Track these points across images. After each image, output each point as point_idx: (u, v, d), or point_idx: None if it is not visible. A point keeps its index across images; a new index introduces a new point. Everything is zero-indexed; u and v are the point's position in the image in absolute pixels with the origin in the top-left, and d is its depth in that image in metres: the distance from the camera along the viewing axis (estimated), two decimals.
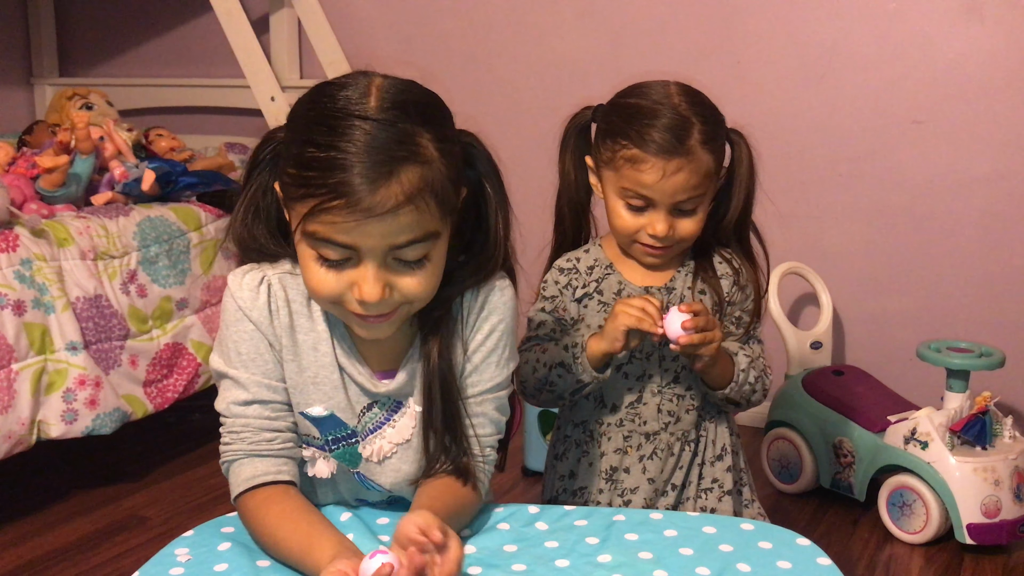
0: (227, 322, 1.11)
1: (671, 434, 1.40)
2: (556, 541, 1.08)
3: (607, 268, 1.41)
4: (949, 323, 2.39)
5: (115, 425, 2.10)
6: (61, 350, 2.03)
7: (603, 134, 1.38)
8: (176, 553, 1.06)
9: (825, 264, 2.46)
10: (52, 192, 2.22)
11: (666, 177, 1.29)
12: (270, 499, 1.07)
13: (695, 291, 1.39)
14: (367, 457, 1.15)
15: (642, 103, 1.35)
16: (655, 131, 1.29)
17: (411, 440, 1.14)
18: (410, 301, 1.05)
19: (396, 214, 0.98)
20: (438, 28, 2.88)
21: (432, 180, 1.01)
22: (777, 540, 1.10)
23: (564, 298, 1.40)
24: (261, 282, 1.10)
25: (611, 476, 1.41)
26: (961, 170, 2.35)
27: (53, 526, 2.04)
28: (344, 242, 0.99)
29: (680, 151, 1.29)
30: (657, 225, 1.32)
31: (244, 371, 1.10)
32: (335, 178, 0.96)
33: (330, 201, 0.97)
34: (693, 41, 2.56)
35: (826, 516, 2.11)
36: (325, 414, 1.12)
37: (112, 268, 2.18)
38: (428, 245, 1.03)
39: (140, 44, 3.42)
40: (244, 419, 1.10)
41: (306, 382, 1.12)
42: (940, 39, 2.33)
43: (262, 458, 1.09)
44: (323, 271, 1.02)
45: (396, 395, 1.14)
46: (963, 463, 1.91)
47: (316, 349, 1.11)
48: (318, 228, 0.99)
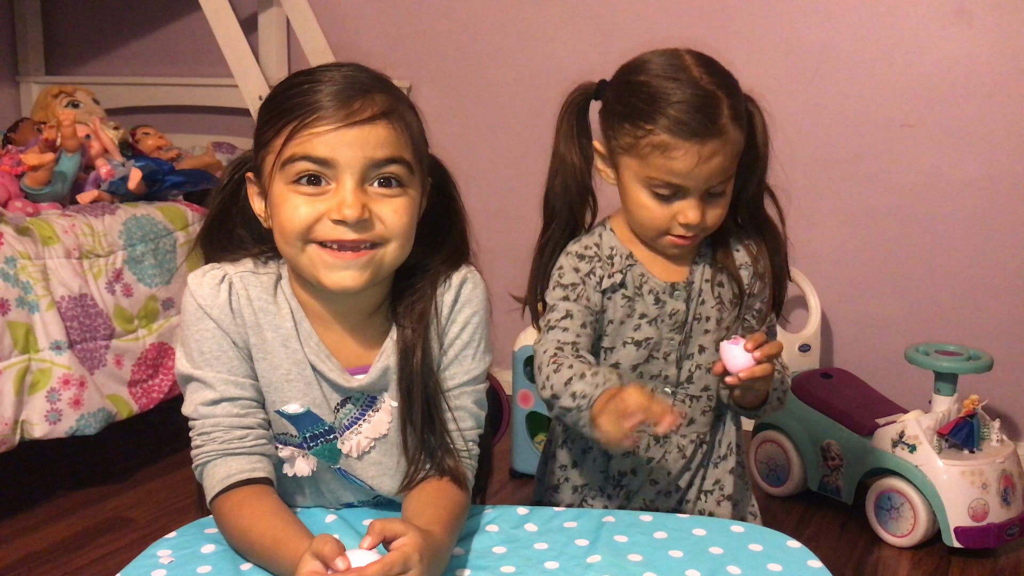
0: (188, 323, 1.10)
1: (683, 436, 1.33)
2: (546, 543, 1.08)
3: (628, 259, 1.29)
4: (937, 326, 2.39)
5: (100, 425, 2.08)
6: (45, 349, 2.01)
7: (618, 117, 1.25)
8: (158, 555, 1.06)
9: (813, 267, 2.46)
10: (37, 190, 2.20)
11: (702, 162, 1.18)
12: (244, 501, 1.05)
13: (713, 284, 1.30)
14: (346, 453, 1.13)
15: (660, 81, 1.22)
16: (683, 112, 1.18)
17: (388, 435, 1.13)
18: (387, 235, 1.05)
19: (373, 124, 1.02)
20: (427, 27, 2.87)
21: (403, 113, 1.06)
22: (768, 542, 1.10)
23: (587, 287, 1.28)
24: (222, 280, 1.10)
25: (619, 481, 1.35)
26: (950, 173, 2.35)
27: (37, 527, 2.02)
28: (322, 155, 1.01)
29: (714, 131, 1.18)
30: (689, 213, 1.21)
31: (209, 370, 1.09)
32: (311, 99, 1.02)
33: (307, 117, 1.01)
34: (682, 43, 2.53)
35: (814, 519, 2.11)
36: (301, 411, 1.11)
37: (97, 267, 2.16)
38: (405, 172, 1.05)
39: (127, 42, 3.40)
40: (213, 419, 1.08)
41: (280, 380, 1.10)
42: (929, 42, 2.34)
43: (235, 456, 1.08)
44: (298, 200, 1.03)
45: (369, 390, 1.13)
46: (951, 466, 1.91)
47: (286, 346, 1.10)
48: (295, 149, 1.02)
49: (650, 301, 1.29)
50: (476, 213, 3.27)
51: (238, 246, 1.15)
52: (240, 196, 1.15)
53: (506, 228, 2.94)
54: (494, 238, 2.85)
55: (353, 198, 1.02)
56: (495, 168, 2.83)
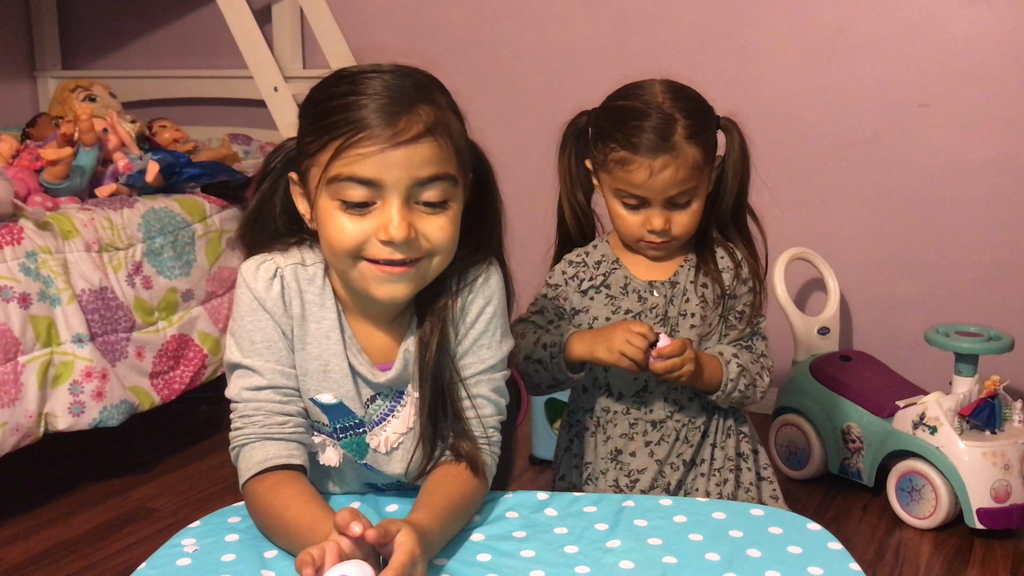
0: (241, 313, 1.13)
1: (677, 420, 1.43)
2: (565, 527, 1.08)
3: (613, 263, 1.45)
4: (957, 307, 2.38)
5: (122, 417, 2.10)
6: (67, 342, 2.03)
7: (596, 138, 1.41)
8: (183, 543, 1.06)
9: (832, 249, 2.45)
10: (56, 184, 2.22)
11: (654, 175, 1.33)
12: (279, 483, 1.07)
13: (697, 284, 1.42)
14: (375, 448, 1.16)
15: (629, 105, 1.37)
16: (640, 132, 1.33)
17: (415, 428, 1.15)
18: (433, 251, 1.06)
19: (418, 143, 1.02)
20: (440, 17, 2.87)
21: (448, 123, 1.06)
22: (788, 525, 1.10)
23: (568, 288, 1.45)
24: (275, 274, 1.12)
25: (616, 457, 1.44)
26: (968, 153, 2.33)
27: (62, 518, 2.04)
28: (368, 176, 1.01)
29: (664, 148, 1.32)
30: (654, 220, 1.36)
31: (259, 359, 1.11)
32: (356, 115, 1.01)
33: (353, 136, 1.01)
34: (698, 26, 2.55)
35: (835, 502, 2.11)
36: (334, 402, 1.14)
37: (117, 260, 2.18)
38: (449, 187, 1.05)
39: (143, 36, 3.42)
40: (256, 403, 1.11)
41: (317, 369, 1.13)
42: (947, 21, 2.32)
43: (274, 441, 1.10)
44: (345, 220, 1.04)
45: (396, 384, 1.15)
46: (972, 448, 1.90)
47: (328, 337, 1.13)
48: (341, 169, 1.02)
49: (633, 299, 1.42)
50: None
51: (277, 236, 1.16)
52: (280, 187, 1.15)
53: (523, 217, 2.93)
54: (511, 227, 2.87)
55: (399, 219, 1.02)
56: (512, 158, 2.81)
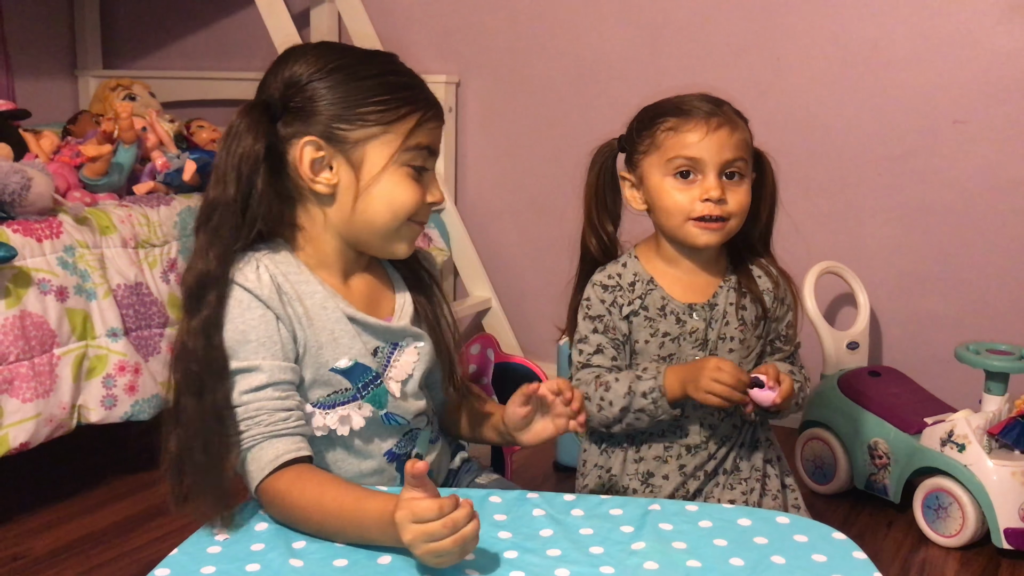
0: (233, 316, 1.13)
1: (712, 444, 1.43)
2: (591, 528, 1.08)
3: (649, 283, 1.41)
4: (988, 324, 2.36)
5: (154, 411, 2.13)
6: (102, 336, 2.06)
7: (638, 134, 1.41)
8: (214, 532, 1.08)
9: (863, 264, 2.44)
10: (95, 181, 2.25)
11: (710, 133, 1.34)
12: (303, 474, 1.09)
13: (737, 307, 1.40)
14: (392, 393, 1.22)
15: (669, 97, 1.41)
16: (689, 101, 1.37)
17: (413, 375, 1.24)
18: None
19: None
20: (477, 22, 2.89)
21: None
22: (813, 534, 1.10)
23: (613, 317, 1.41)
24: (258, 267, 1.15)
25: (647, 480, 1.43)
26: (1002, 170, 2.32)
27: (92, 509, 2.07)
28: (436, 147, 1.21)
29: (718, 112, 1.36)
30: (710, 188, 1.34)
31: (256, 357, 1.12)
32: (427, 95, 1.20)
33: (428, 111, 1.18)
34: (733, 38, 2.55)
35: (860, 517, 2.10)
36: (351, 364, 1.19)
37: (152, 256, 2.21)
38: None
39: (182, 37, 3.46)
40: (258, 403, 1.12)
41: (327, 340, 1.17)
42: (983, 38, 2.31)
43: (281, 438, 1.11)
44: (414, 184, 1.19)
45: (395, 335, 1.24)
46: (1001, 467, 1.88)
47: (324, 308, 1.18)
48: (423, 138, 1.18)
49: (672, 321, 1.40)
50: (524, 207, 3.29)
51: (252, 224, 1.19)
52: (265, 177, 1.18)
53: (553, 221, 2.96)
54: (542, 232, 2.88)
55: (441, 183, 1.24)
56: (544, 163, 2.84)
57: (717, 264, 1.44)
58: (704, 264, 1.43)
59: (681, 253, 1.42)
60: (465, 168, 2.98)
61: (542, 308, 2.86)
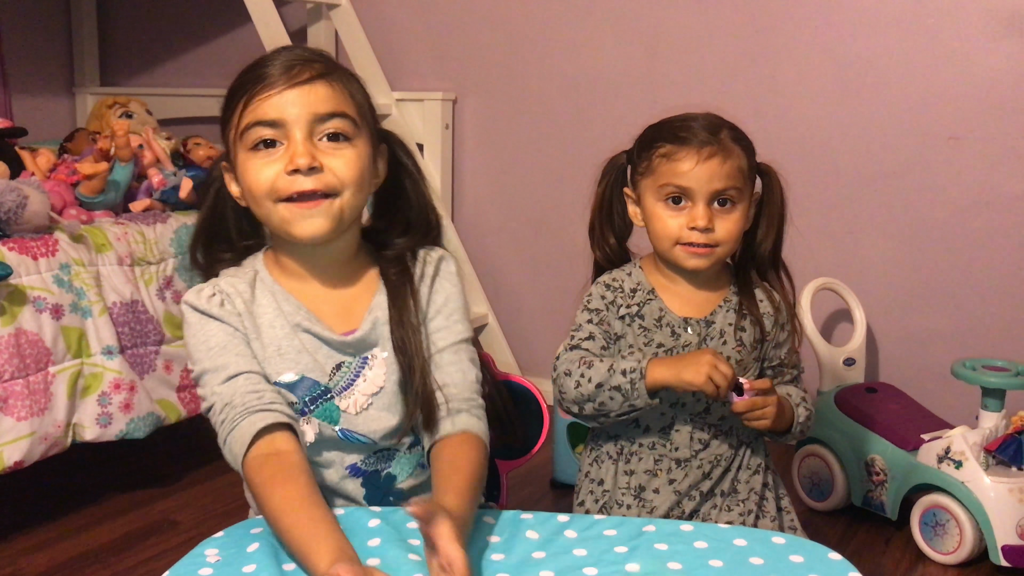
0: (192, 333, 1.20)
1: (702, 459, 1.43)
2: (584, 549, 1.08)
3: (649, 293, 1.43)
4: (985, 341, 2.36)
5: (149, 429, 2.12)
6: (97, 354, 2.06)
7: (640, 150, 1.42)
8: (206, 553, 1.08)
9: (859, 280, 2.44)
10: (91, 198, 2.25)
11: (700, 163, 1.34)
12: (275, 479, 1.09)
13: (736, 328, 1.41)
14: (345, 409, 1.20)
15: (674, 116, 1.41)
16: (687, 128, 1.37)
17: (385, 387, 1.21)
18: (342, 185, 1.15)
19: (313, 84, 1.15)
20: (472, 40, 2.90)
21: (343, 77, 1.19)
22: (809, 554, 1.09)
23: (609, 314, 1.43)
24: (213, 292, 1.20)
25: (639, 494, 1.43)
26: (997, 187, 2.33)
27: (86, 528, 2.06)
28: (272, 117, 1.14)
29: (711, 141, 1.35)
30: (697, 216, 1.35)
31: (221, 357, 1.17)
32: (259, 72, 1.16)
33: (254, 86, 1.15)
34: (729, 55, 2.56)
35: (857, 534, 2.09)
36: (296, 378, 1.19)
37: (148, 274, 2.21)
38: (349, 125, 1.17)
39: (179, 55, 3.47)
40: (231, 390, 1.15)
41: (272, 354, 1.19)
42: (977, 54, 2.31)
43: (256, 413, 1.14)
44: (260, 164, 1.15)
45: (360, 348, 1.21)
46: (998, 483, 1.88)
47: (272, 326, 1.20)
48: (249, 118, 1.15)
49: (667, 333, 1.41)
50: (521, 224, 3.30)
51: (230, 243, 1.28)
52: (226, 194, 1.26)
53: (550, 238, 2.96)
54: (539, 248, 2.88)
55: (303, 148, 1.13)
56: (540, 180, 2.84)
57: (717, 282, 1.44)
58: (703, 282, 1.44)
59: (676, 271, 1.43)
60: (462, 185, 2.98)
61: (539, 325, 2.86)
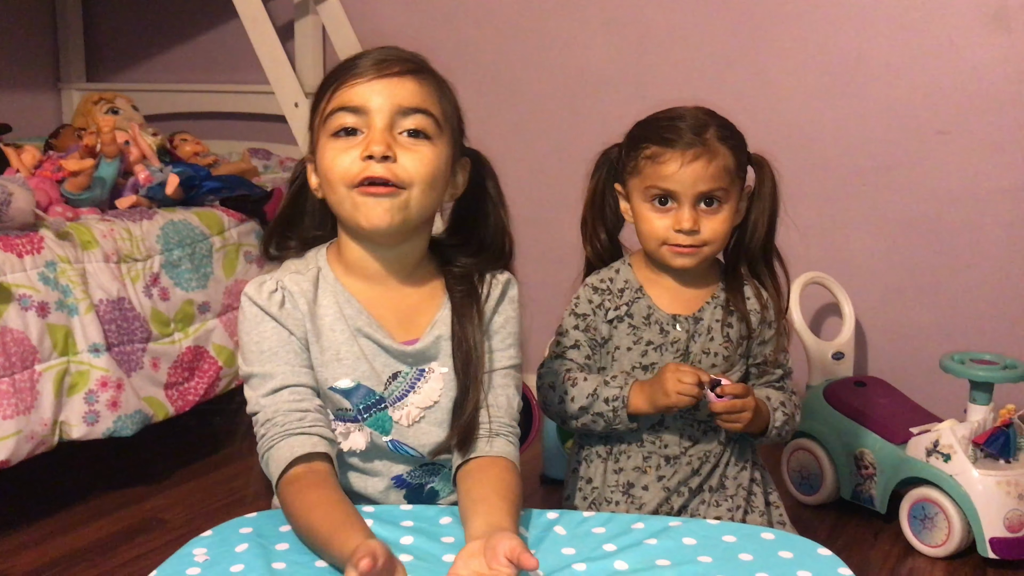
0: (247, 329, 1.19)
1: (691, 455, 1.43)
2: (573, 547, 1.08)
3: (637, 291, 1.43)
4: (973, 335, 2.37)
5: (136, 427, 2.11)
6: (84, 352, 2.04)
7: (628, 147, 1.42)
8: (194, 553, 1.07)
9: (848, 274, 2.44)
10: (77, 195, 2.24)
11: (685, 165, 1.34)
12: (308, 486, 1.10)
13: (723, 324, 1.41)
14: (397, 420, 1.20)
15: (663, 112, 1.41)
16: (673, 128, 1.36)
17: (439, 402, 1.20)
18: (412, 180, 1.14)
19: (401, 77, 1.16)
20: (462, 36, 2.89)
21: (435, 78, 1.20)
22: (798, 550, 1.09)
23: (596, 318, 1.43)
24: (276, 287, 1.19)
25: (628, 491, 1.43)
26: (986, 181, 2.33)
27: (73, 527, 2.05)
28: (356, 104, 1.14)
29: (697, 143, 1.35)
30: (682, 218, 1.35)
31: (269, 364, 1.16)
32: (350, 63, 1.17)
33: (344, 75, 1.15)
34: (717, 51, 2.56)
35: (846, 528, 2.10)
36: (352, 385, 1.19)
37: (135, 271, 2.19)
38: (431, 124, 1.16)
39: (166, 50, 3.45)
40: (273, 406, 1.15)
41: (330, 359, 1.18)
42: (966, 48, 2.32)
43: (296, 436, 1.13)
44: (339, 150, 1.14)
45: (419, 360, 1.20)
46: (986, 476, 1.89)
47: (333, 329, 1.19)
48: (334, 104, 1.15)
49: (655, 330, 1.41)
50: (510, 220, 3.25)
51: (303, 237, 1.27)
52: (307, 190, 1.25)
53: (540, 234, 2.95)
54: (528, 243, 2.87)
55: (380, 136, 1.12)
56: (530, 176, 2.83)
57: (706, 278, 1.45)
58: (690, 279, 1.44)
59: (664, 269, 1.43)
60: None
61: (529, 322, 2.84)
